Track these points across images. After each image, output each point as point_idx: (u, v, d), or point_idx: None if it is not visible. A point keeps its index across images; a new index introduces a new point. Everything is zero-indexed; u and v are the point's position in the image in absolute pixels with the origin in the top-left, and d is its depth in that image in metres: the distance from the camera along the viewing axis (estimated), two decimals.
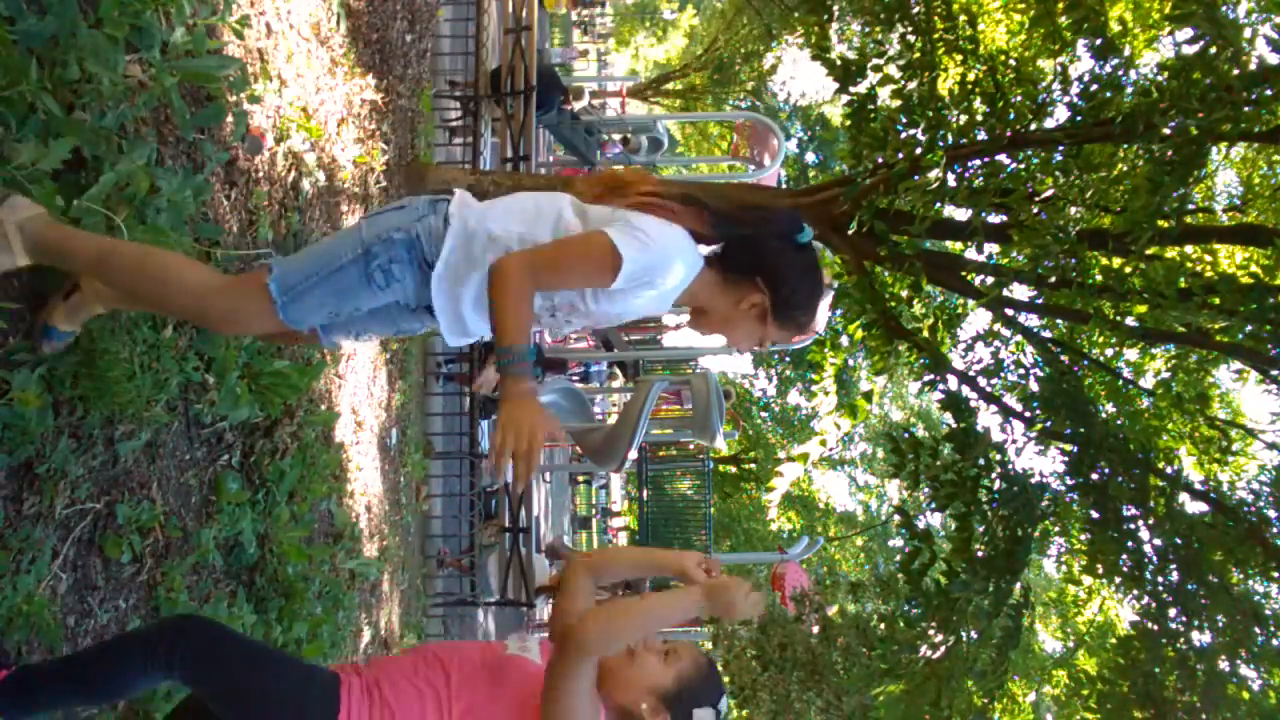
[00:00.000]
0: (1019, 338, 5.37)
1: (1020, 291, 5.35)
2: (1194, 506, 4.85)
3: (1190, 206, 4.69)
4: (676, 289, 1.95)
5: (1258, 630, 4.43)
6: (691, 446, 9.99)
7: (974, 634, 4.35)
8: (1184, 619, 4.54)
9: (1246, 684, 4.52)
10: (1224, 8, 3.88)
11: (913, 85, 4.65)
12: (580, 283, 1.88)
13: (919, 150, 4.57)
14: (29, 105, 2.00)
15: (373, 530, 4.79)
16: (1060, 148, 4.45)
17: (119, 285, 2.00)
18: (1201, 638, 4.56)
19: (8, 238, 1.85)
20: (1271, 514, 4.76)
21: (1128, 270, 4.39)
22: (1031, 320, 5.56)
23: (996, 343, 5.46)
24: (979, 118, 4.64)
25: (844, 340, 6.72)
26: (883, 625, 4.83)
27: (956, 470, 4.40)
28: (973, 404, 4.85)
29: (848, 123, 4.98)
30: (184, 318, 2.25)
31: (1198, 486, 5.06)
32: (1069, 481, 4.80)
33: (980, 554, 4.30)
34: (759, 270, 1.96)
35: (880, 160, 4.81)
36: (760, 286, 1.96)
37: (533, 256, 1.83)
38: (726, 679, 6.26)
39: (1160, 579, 4.61)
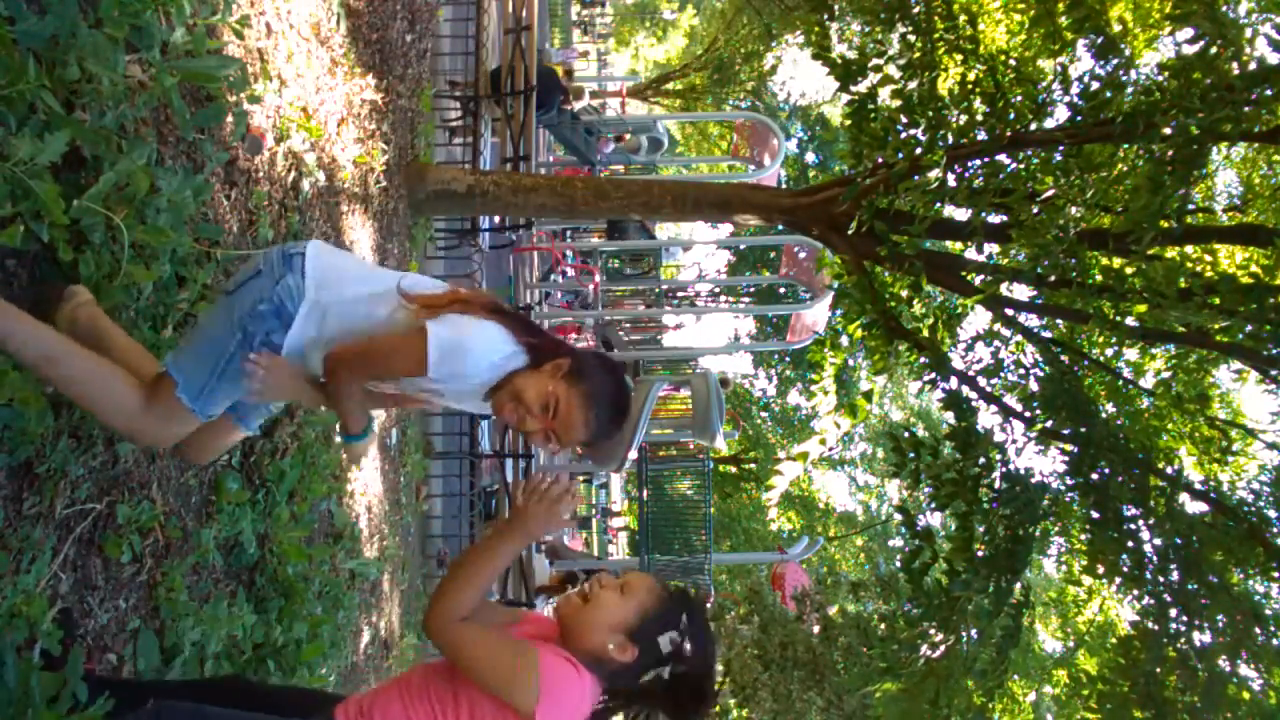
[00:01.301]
0: (1019, 338, 5.37)
1: (1020, 291, 5.35)
2: (1194, 506, 4.85)
3: (1190, 206, 4.69)
4: (490, 374, 2.02)
5: (1258, 630, 4.42)
6: (691, 446, 9.97)
7: (974, 633, 4.35)
8: (1184, 619, 4.54)
9: (1247, 684, 4.51)
10: (1224, 7, 3.87)
11: (913, 85, 4.65)
12: (399, 373, 2.01)
13: (919, 150, 4.57)
14: (29, 105, 2.00)
15: (373, 530, 4.79)
16: (1060, 148, 4.44)
17: (62, 389, 2.05)
18: (1202, 638, 4.56)
19: None
20: (1271, 514, 4.76)
21: (1128, 270, 4.39)
22: (1031, 320, 5.55)
23: (996, 343, 5.45)
24: (979, 118, 4.64)
25: (844, 340, 6.71)
26: (883, 625, 4.83)
27: (957, 470, 4.40)
28: (973, 404, 4.84)
29: (848, 123, 4.98)
30: (115, 432, 2.33)
31: (1198, 486, 5.05)
32: (1069, 481, 4.79)
33: (981, 553, 4.30)
34: (563, 349, 2.06)
35: (880, 160, 4.81)
36: (563, 357, 2.02)
37: (356, 353, 1.98)
38: (727, 678, 6.26)
39: (1160, 579, 4.60)
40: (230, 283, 2.06)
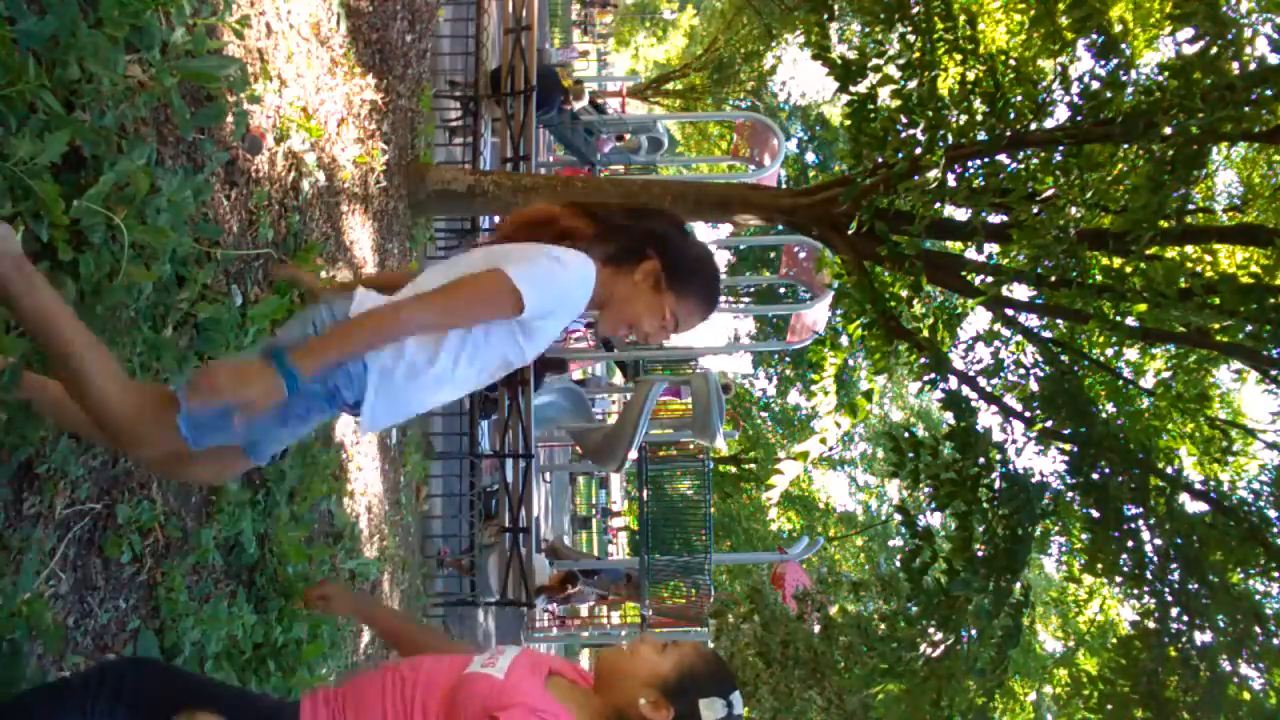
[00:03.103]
0: (1019, 338, 5.37)
1: (1020, 291, 5.35)
2: (1194, 506, 4.85)
3: (1190, 206, 4.69)
4: (582, 301, 1.92)
5: (1258, 630, 4.43)
6: (691, 446, 9.97)
7: (974, 633, 4.35)
8: (1185, 619, 4.54)
9: (1247, 684, 4.52)
10: (1225, 7, 3.87)
11: (913, 85, 4.65)
12: (480, 319, 1.80)
13: (919, 150, 4.57)
14: (29, 105, 2.00)
15: (373, 530, 4.79)
16: (1060, 148, 4.45)
17: (57, 367, 1.87)
18: (1203, 637, 4.56)
19: None
20: (1272, 514, 4.76)
21: (1128, 270, 4.39)
22: (1031, 320, 5.56)
23: (996, 343, 5.46)
24: (979, 118, 4.64)
25: (844, 340, 6.71)
26: (883, 625, 4.83)
27: (957, 469, 4.40)
28: (973, 404, 4.85)
29: (848, 123, 4.98)
30: (102, 424, 2.07)
31: (1198, 486, 5.06)
32: (1069, 481, 4.80)
33: (981, 553, 4.30)
34: (647, 240, 1.95)
35: (880, 160, 4.81)
36: (650, 254, 1.93)
37: (423, 300, 1.76)
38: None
39: (1161, 579, 4.60)
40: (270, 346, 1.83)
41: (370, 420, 1.83)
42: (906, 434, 4.60)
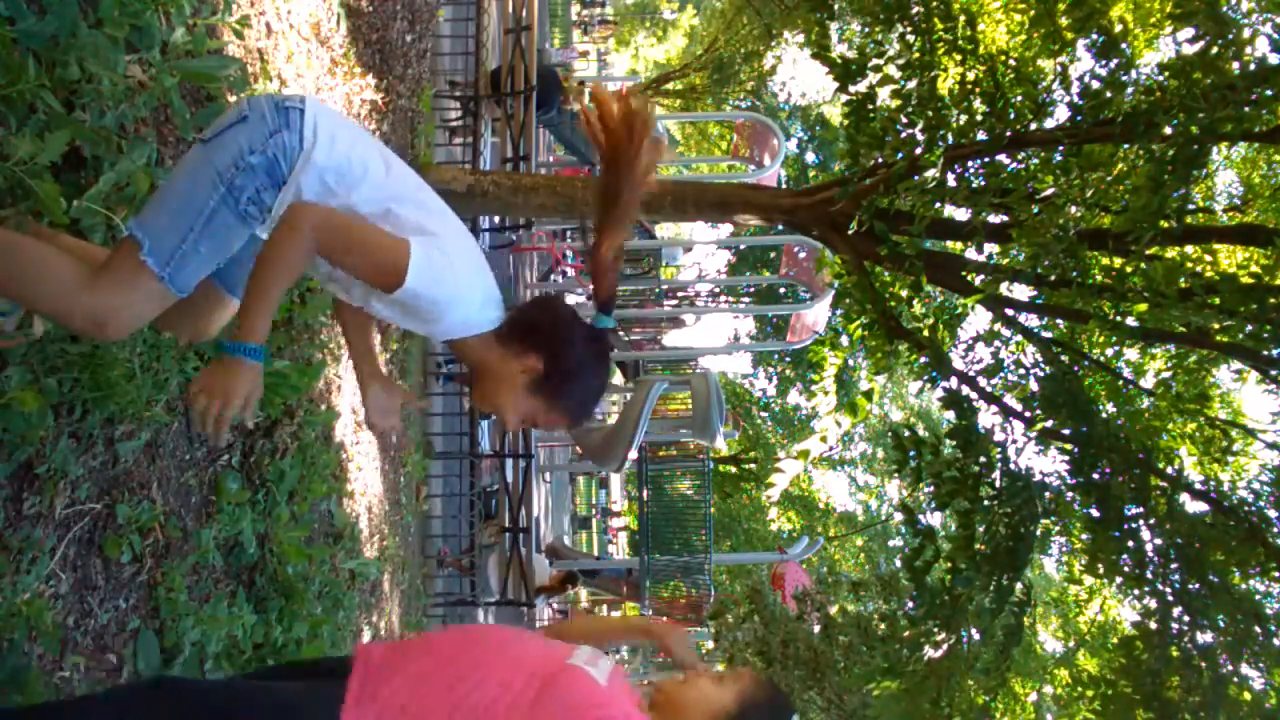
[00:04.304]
0: (1019, 338, 5.37)
1: (1020, 291, 5.35)
2: (1194, 506, 4.85)
3: (1190, 206, 4.69)
4: (448, 329, 1.82)
5: (1258, 630, 4.43)
6: (691, 446, 9.98)
7: (976, 633, 4.35)
8: (1187, 619, 4.54)
9: (1248, 683, 4.52)
10: (1225, 7, 3.88)
11: (912, 85, 4.65)
12: (360, 275, 1.70)
13: (919, 150, 4.57)
14: (29, 105, 2.00)
15: (373, 530, 4.79)
16: (1060, 147, 4.45)
17: None
18: (1204, 638, 4.56)
19: None
20: (1272, 514, 4.76)
21: (1128, 270, 4.39)
22: (1032, 320, 5.56)
23: (996, 343, 5.46)
24: (979, 118, 4.64)
25: (844, 340, 6.71)
26: (884, 625, 4.84)
27: (958, 468, 4.40)
28: (974, 403, 4.85)
29: (847, 122, 4.98)
30: (55, 320, 1.93)
31: (1198, 486, 5.06)
32: (1070, 481, 4.80)
33: (983, 551, 4.30)
34: (538, 335, 1.82)
35: (880, 160, 4.81)
36: (536, 354, 1.80)
37: (334, 227, 1.63)
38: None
39: (1162, 579, 4.61)
40: (206, 130, 1.73)
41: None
42: (907, 433, 4.60)
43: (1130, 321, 4.66)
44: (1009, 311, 5.15)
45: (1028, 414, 5.02)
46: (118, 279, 1.65)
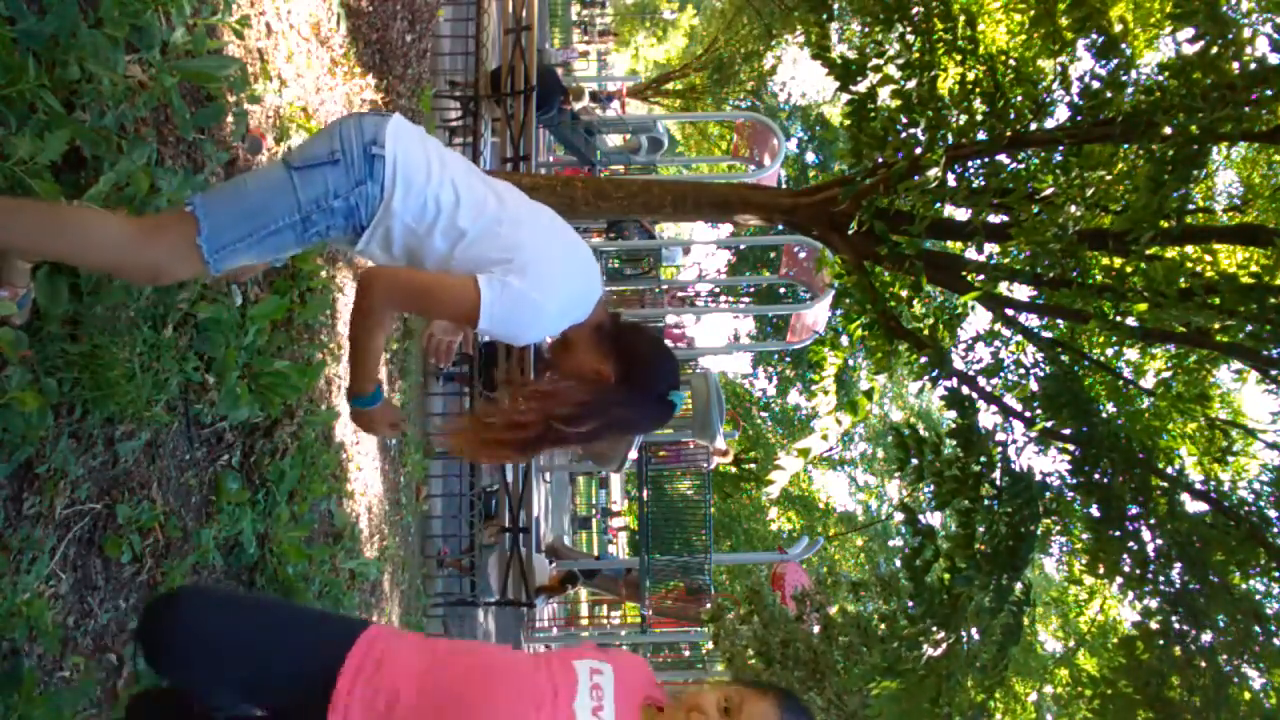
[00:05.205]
0: (1019, 338, 5.38)
1: (1021, 292, 5.35)
2: (1194, 506, 4.85)
3: (1190, 206, 4.69)
4: (528, 341, 1.94)
5: (1258, 630, 4.43)
6: (691, 446, 9.97)
7: (975, 632, 4.35)
8: (1188, 619, 4.54)
9: (1248, 683, 4.52)
10: (1225, 7, 3.87)
11: (913, 85, 4.65)
12: (445, 315, 1.98)
13: (919, 150, 4.57)
14: (29, 105, 2.00)
15: (373, 530, 4.79)
16: (1060, 147, 4.45)
17: (28, 248, 1.85)
18: (1204, 638, 4.56)
19: None
20: (1272, 514, 4.76)
21: (1128, 270, 4.39)
22: (1032, 320, 5.56)
23: (996, 343, 5.46)
24: (979, 118, 4.64)
25: (844, 340, 6.71)
26: (883, 625, 4.83)
27: (959, 467, 4.40)
28: (975, 402, 4.85)
29: (848, 122, 4.98)
30: (106, 272, 2.07)
31: (1198, 486, 5.06)
32: (1072, 481, 4.80)
33: (983, 551, 4.30)
34: (633, 367, 1.92)
35: (880, 160, 4.81)
36: (618, 371, 1.90)
37: (399, 288, 1.85)
38: (728, 677, 6.26)
39: (1162, 579, 4.61)
40: (296, 157, 1.83)
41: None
42: (909, 432, 4.60)
43: (1130, 321, 4.66)
44: (1009, 311, 5.15)
45: (1028, 414, 5.02)
46: (168, 244, 1.77)
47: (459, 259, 1.85)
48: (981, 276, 4.71)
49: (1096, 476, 4.63)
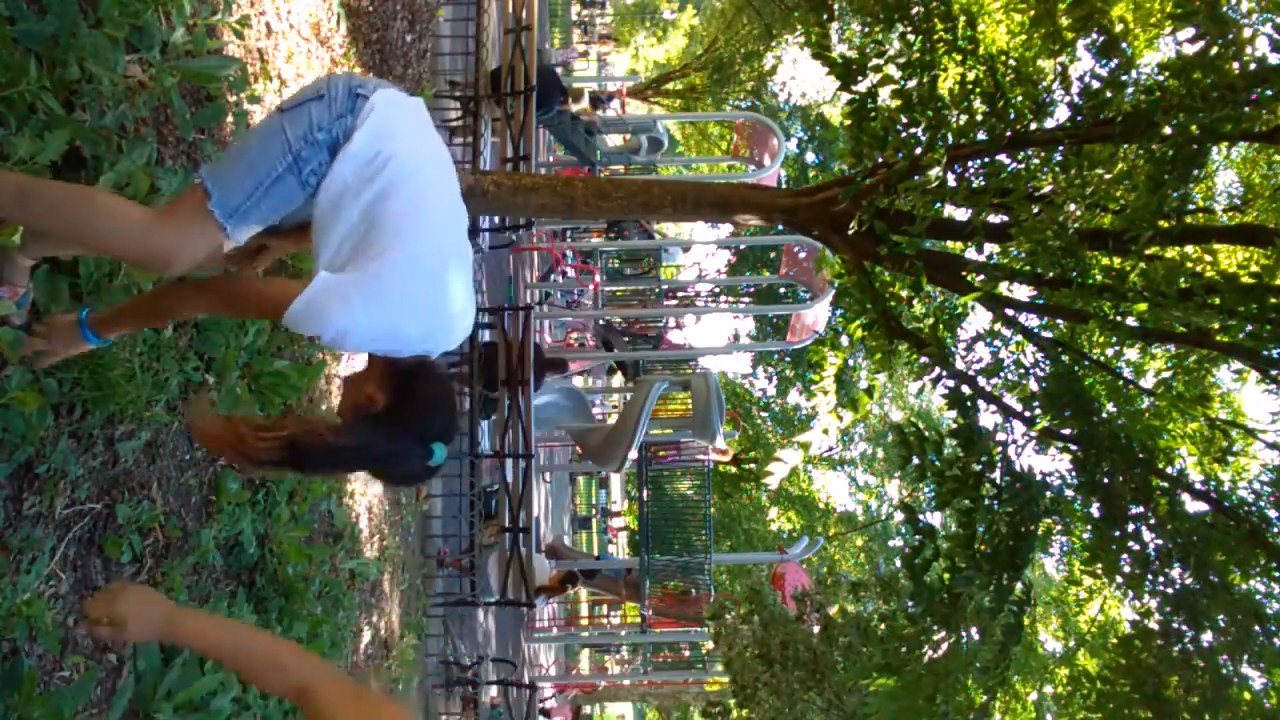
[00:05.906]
0: (1019, 337, 5.37)
1: (1021, 291, 5.34)
2: (1195, 506, 4.85)
3: (1190, 206, 4.69)
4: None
5: (1258, 630, 4.42)
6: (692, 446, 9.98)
7: (975, 633, 4.35)
8: (1188, 619, 4.54)
9: (1248, 683, 4.51)
10: (1225, 7, 3.87)
11: (913, 85, 4.65)
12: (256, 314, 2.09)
13: (919, 150, 4.57)
14: (29, 105, 2.00)
15: (373, 530, 4.79)
16: (1060, 147, 4.45)
17: (44, 228, 1.87)
18: (1204, 638, 4.56)
19: None
20: (1272, 514, 4.76)
21: (1128, 270, 4.39)
22: (1032, 320, 5.55)
23: (996, 342, 5.46)
24: (979, 117, 4.64)
25: (844, 340, 6.71)
26: (883, 625, 4.83)
27: (960, 467, 4.40)
28: (975, 402, 4.85)
29: (848, 122, 4.98)
30: (120, 258, 2.10)
31: (1199, 486, 5.05)
32: (1071, 480, 4.80)
33: (983, 550, 4.30)
34: (409, 402, 1.85)
35: (880, 160, 4.81)
36: (390, 402, 1.84)
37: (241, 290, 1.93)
38: (729, 678, 6.27)
39: (1162, 579, 4.60)
40: (286, 100, 1.88)
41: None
42: (910, 430, 4.59)
43: (1130, 321, 4.66)
44: (1009, 311, 5.14)
45: (1028, 414, 5.02)
46: (183, 222, 1.78)
47: (344, 236, 1.82)
48: (981, 276, 4.71)
49: (1097, 476, 4.63)
